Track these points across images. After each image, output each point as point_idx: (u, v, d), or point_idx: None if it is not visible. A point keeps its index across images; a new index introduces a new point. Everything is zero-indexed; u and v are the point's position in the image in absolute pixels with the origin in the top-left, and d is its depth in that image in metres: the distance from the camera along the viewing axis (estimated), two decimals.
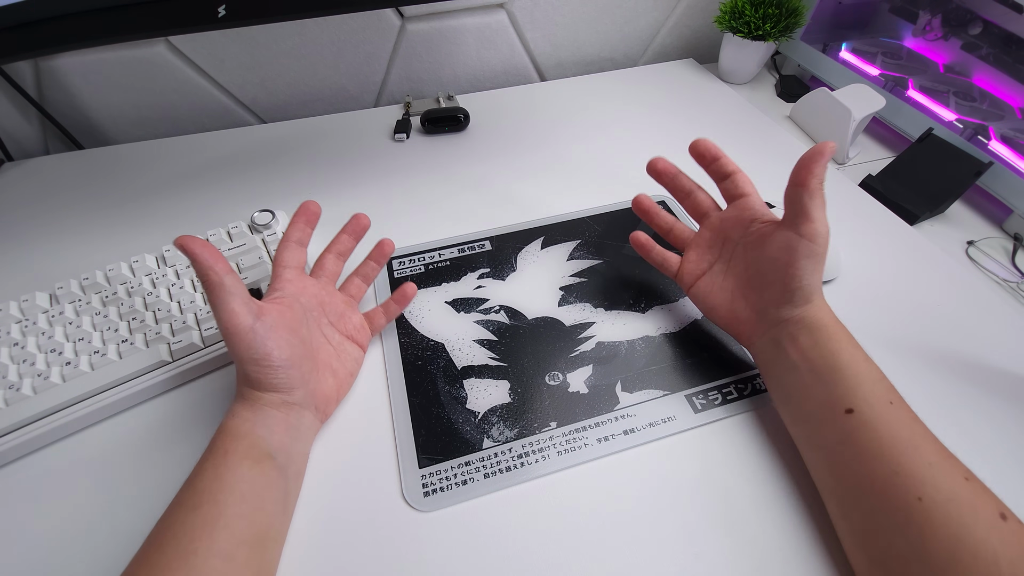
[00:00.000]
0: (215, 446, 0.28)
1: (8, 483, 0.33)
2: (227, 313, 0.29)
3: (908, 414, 0.28)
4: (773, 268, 0.32)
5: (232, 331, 0.29)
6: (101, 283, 0.40)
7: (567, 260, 0.45)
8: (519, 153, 0.57)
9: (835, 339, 0.30)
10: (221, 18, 0.38)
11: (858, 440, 0.27)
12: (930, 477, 0.25)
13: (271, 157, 0.57)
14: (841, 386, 0.29)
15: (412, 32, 0.63)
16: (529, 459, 0.33)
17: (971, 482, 0.25)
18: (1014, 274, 0.45)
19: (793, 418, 0.32)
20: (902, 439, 0.26)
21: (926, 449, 0.26)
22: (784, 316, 0.32)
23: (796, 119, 0.63)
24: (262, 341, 0.29)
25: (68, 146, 0.61)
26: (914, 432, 0.27)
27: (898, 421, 0.27)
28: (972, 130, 0.52)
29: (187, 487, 0.27)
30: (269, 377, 0.30)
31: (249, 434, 0.29)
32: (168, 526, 0.26)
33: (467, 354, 0.38)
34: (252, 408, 0.30)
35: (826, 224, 0.31)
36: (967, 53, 0.58)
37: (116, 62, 0.57)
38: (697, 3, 0.72)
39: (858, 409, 0.28)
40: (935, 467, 0.25)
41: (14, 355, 0.36)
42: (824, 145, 0.30)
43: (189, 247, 0.28)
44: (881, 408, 0.27)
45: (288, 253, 0.36)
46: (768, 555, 0.29)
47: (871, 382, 0.29)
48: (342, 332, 0.37)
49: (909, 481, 0.25)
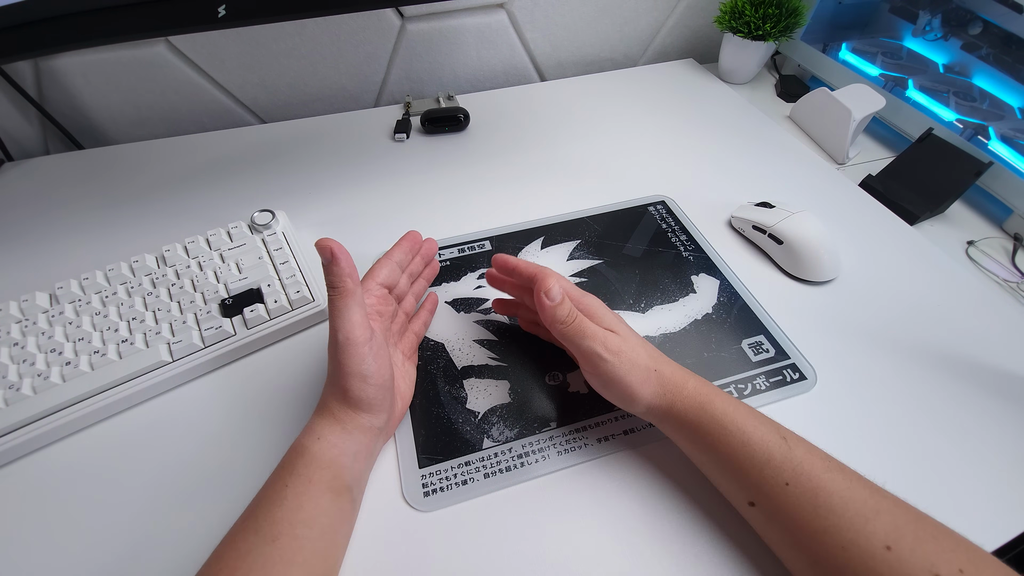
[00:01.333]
0: (297, 471, 0.27)
1: (8, 483, 0.33)
2: (350, 323, 0.28)
3: (809, 487, 0.25)
4: (598, 384, 0.31)
5: (351, 342, 0.28)
6: (101, 283, 0.40)
7: (567, 260, 0.45)
8: (519, 153, 0.57)
9: (710, 431, 0.28)
10: (221, 18, 0.38)
11: (771, 531, 0.27)
12: (847, 563, 0.23)
13: (271, 157, 0.57)
14: (734, 478, 0.28)
15: (412, 32, 0.63)
16: (529, 459, 0.33)
17: (894, 550, 0.23)
18: (1014, 274, 0.45)
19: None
20: (808, 525, 0.25)
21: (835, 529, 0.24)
22: (645, 415, 0.31)
23: (796, 119, 0.63)
24: (374, 357, 0.29)
25: (68, 146, 0.61)
26: (817, 511, 0.25)
27: (799, 504, 0.25)
28: (972, 130, 0.52)
29: (263, 513, 0.26)
30: (371, 395, 0.29)
31: (334, 463, 0.28)
32: (241, 555, 0.24)
33: (467, 354, 0.38)
34: (342, 431, 0.29)
35: (613, 341, 0.30)
36: (967, 53, 0.58)
37: (116, 62, 0.57)
38: (697, 3, 0.72)
39: (758, 502, 0.27)
40: (849, 550, 0.23)
41: (14, 355, 0.36)
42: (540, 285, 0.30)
43: (335, 251, 0.28)
44: (778, 495, 0.26)
45: (386, 271, 0.35)
46: (768, 555, 0.29)
47: (761, 465, 0.26)
48: (403, 351, 0.36)
49: (829, 571, 0.24)
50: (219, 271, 0.41)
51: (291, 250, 0.44)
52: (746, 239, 0.47)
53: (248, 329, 0.38)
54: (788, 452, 0.26)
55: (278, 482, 0.27)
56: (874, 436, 0.34)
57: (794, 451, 0.26)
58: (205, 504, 0.31)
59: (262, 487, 0.28)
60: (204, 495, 0.32)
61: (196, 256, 0.42)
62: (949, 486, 0.32)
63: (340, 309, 0.29)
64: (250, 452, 0.33)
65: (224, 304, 0.39)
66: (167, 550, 0.30)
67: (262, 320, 0.39)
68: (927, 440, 0.34)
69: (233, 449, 0.34)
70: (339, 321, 0.29)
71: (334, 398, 0.30)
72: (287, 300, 0.40)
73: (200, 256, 0.42)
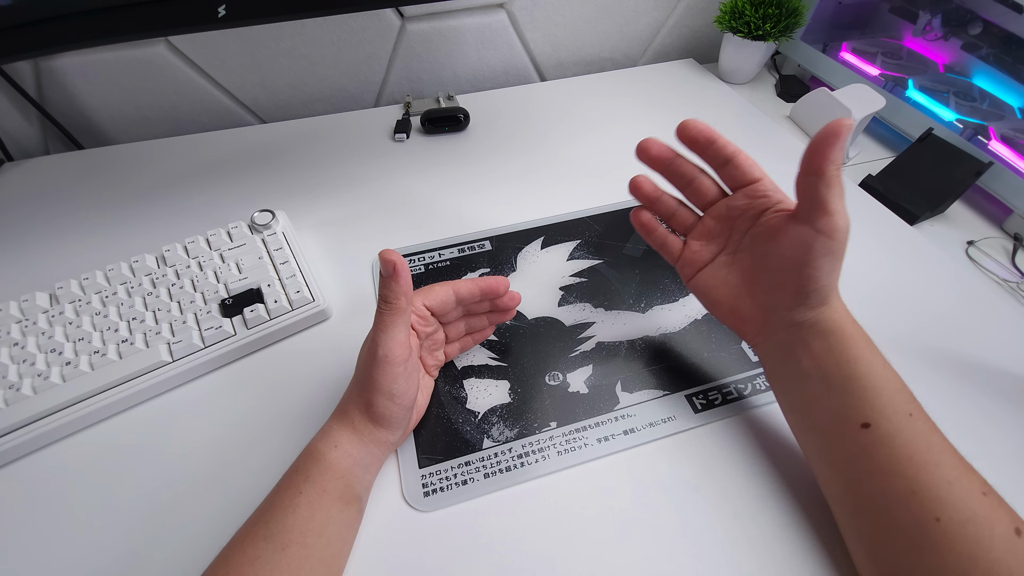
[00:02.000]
0: (312, 479, 0.27)
1: (8, 483, 0.33)
2: (393, 341, 0.28)
3: (928, 426, 0.26)
4: (785, 266, 0.29)
5: (389, 360, 0.28)
6: (101, 283, 0.40)
7: (567, 260, 0.45)
8: (519, 153, 0.57)
9: (852, 345, 0.28)
10: (221, 18, 0.38)
11: (874, 456, 0.26)
12: (949, 496, 0.24)
13: (271, 157, 0.57)
14: (857, 397, 0.27)
15: (412, 32, 0.63)
16: (529, 459, 0.33)
17: (988, 497, 0.24)
18: (1014, 274, 0.45)
19: (802, 428, 0.30)
20: (920, 455, 0.25)
21: (946, 465, 0.25)
22: (797, 319, 0.29)
23: (796, 119, 0.63)
24: (406, 377, 0.29)
25: (68, 146, 0.61)
26: (932, 446, 0.25)
27: (917, 435, 0.25)
28: (972, 130, 0.52)
29: (276, 521, 0.26)
30: (394, 413, 0.29)
31: (348, 473, 0.28)
32: (250, 561, 0.24)
33: (467, 354, 0.38)
34: (360, 443, 0.29)
35: (846, 217, 0.27)
36: (967, 53, 0.58)
37: (116, 62, 0.57)
38: (697, 3, 0.72)
39: (875, 423, 0.26)
40: (954, 485, 0.24)
41: (14, 355, 0.36)
42: (839, 123, 0.25)
43: (399, 267, 0.28)
44: (900, 422, 0.26)
45: (441, 299, 0.33)
46: (768, 555, 0.29)
47: (890, 392, 0.26)
48: (425, 364, 0.35)
49: (927, 501, 0.24)
50: (219, 271, 0.41)
51: (291, 250, 0.44)
52: None
53: (248, 329, 0.38)
54: (910, 391, 0.27)
55: (291, 488, 0.27)
56: None
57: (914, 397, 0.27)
58: (205, 504, 0.31)
59: (274, 490, 0.28)
60: (204, 495, 0.32)
61: (196, 256, 0.42)
62: None
63: (387, 325, 0.28)
64: (250, 452, 0.33)
65: (224, 304, 0.39)
66: (167, 550, 0.30)
67: (262, 320, 0.39)
68: None
69: (233, 449, 0.34)
70: (382, 336, 0.28)
71: (357, 408, 0.29)
72: (287, 300, 0.40)
73: (200, 256, 0.42)
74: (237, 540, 0.26)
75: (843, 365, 0.27)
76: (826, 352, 0.28)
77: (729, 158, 0.31)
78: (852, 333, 0.28)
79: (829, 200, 0.26)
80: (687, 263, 0.34)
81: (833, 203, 0.26)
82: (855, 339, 0.28)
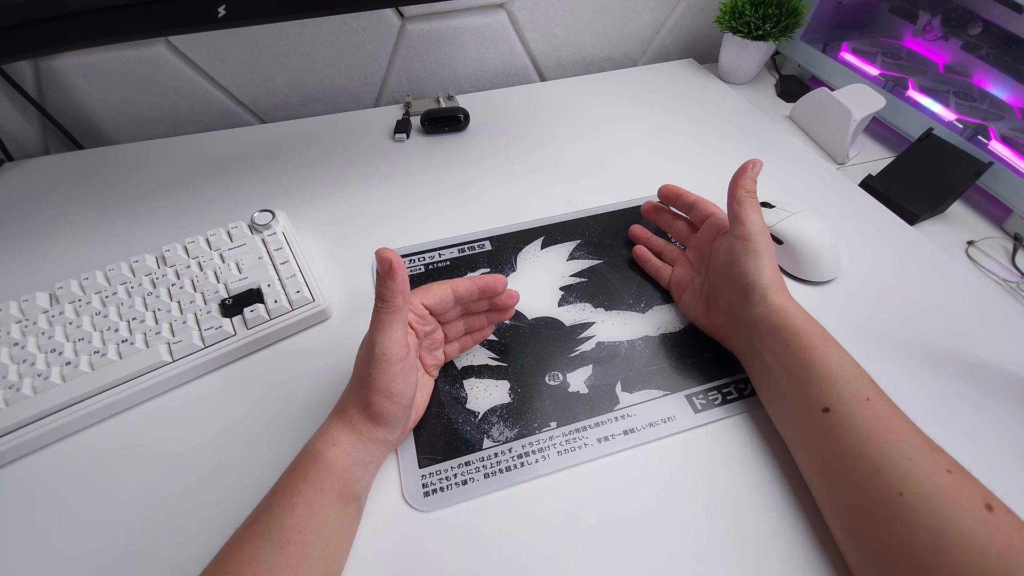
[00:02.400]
0: (310, 478, 0.27)
1: (8, 483, 0.33)
2: (390, 340, 0.28)
3: (886, 408, 0.28)
4: (725, 271, 0.35)
5: (387, 358, 0.28)
6: (101, 283, 0.40)
7: (567, 260, 0.45)
8: (519, 153, 0.57)
9: (804, 338, 0.31)
10: (221, 18, 0.38)
11: (837, 438, 0.28)
12: (910, 472, 0.25)
13: (271, 157, 0.57)
14: (815, 386, 0.29)
15: (412, 32, 0.63)
16: (529, 459, 0.33)
17: (954, 474, 0.25)
18: (1014, 274, 0.45)
19: (778, 418, 0.33)
20: (880, 435, 0.27)
21: (906, 444, 0.26)
22: (749, 316, 0.33)
23: (796, 119, 0.63)
24: (404, 376, 0.29)
25: (68, 146, 0.61)
26: (892, 427, 0.27)
27: (875, 417, 0.27)
28: (972, 130, 0.52)
29: (274, 520, 0.26)
30: (392, 412, 0.29)
31: (346, 472, 0.28)
32: (248, 560, 0.24)
33: (467, 354, 0.38)
34: (358, 442, 0.29)
35: (759, 224, 0.34)
36: (967, 53, 0.58)
37: (116, 62, 0.57)
38: (697, 3, 0.72)
39: (833, 408, 0.28)
40: (915, 461, 0.25)
41: (14, 355, 0.36)
42: (749, 162, 0.35)
43: (395, 265, 0.28)
44: (857, 406, 0.28)
45: (439, 297, 0.33)
46: (768, 554, 0.29)
47: (845, 379, 0.29)
48: (425, 364, 0.35)
49: (889, 477, 0.25)
50: (219, 271, 0.41)
51: (291, 250, 0.44)
52: None
53: (248, 329, 0.38)
54: (870, 377, 0.29)
55: (290, 487, 0.27)
56: None
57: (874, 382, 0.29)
58: (205, 504, 0.31)
59: (272, 489, 0.27)
60: (204, 495, 0.32)
61: (196, 256, 0.42)
62: None
63: (384, 323, 0.29)
64: (250, 452, 0.33)
65: (224, 304, 0.39)
66: (167, 550, 0.29)
67: (262, 320, 0.39)
68: None
69: (233, 449, 0.34)
70: (379, 335, 0.28)
71: (355, 407, 0.29)
72: (287, 300, 0.40)
73: (200, 256, 0.42)
74: (235, 539, 0.26)
75: (798, 357, 0.30)
76: (781, 346, 0.31)
77: (692, 204, 0.41)
78: (802, 327, 0.31)
79: (741, 214, 0.34)
80: (674, 286, 0.41)
81: (744, 215, 0.34)
82: (806, 332, 0.31)
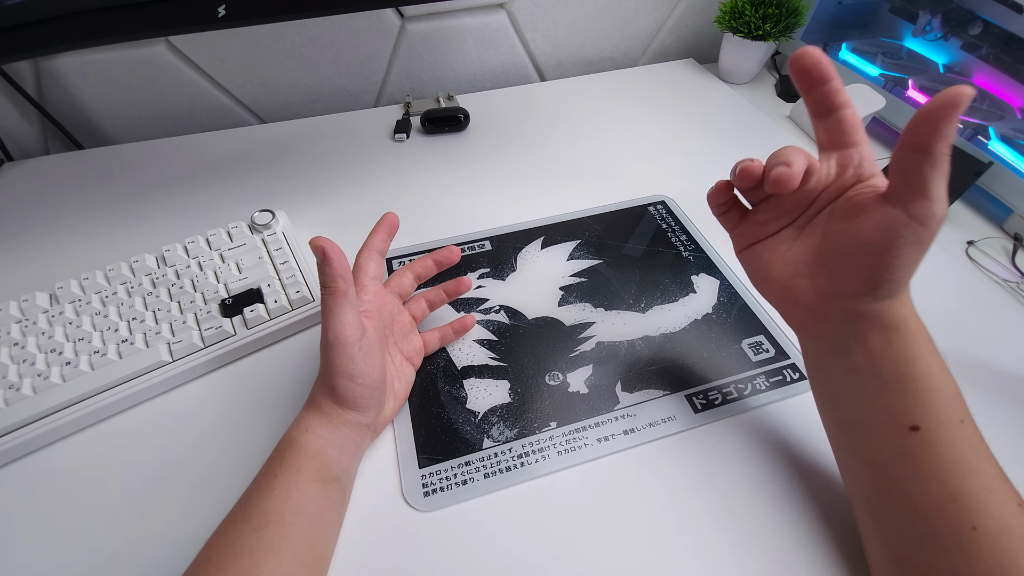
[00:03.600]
0: (286, 462, 0.28)
1: (8, 483, 0.33)
2: (341, 323, 0.29)
3: (976, 434, 0.25)
4: (862, 250, 0.25)
5: (341, 342, 0.29)
6: (101, 283, 0.40)
7: (567, 260, 0.45)
8: (519, 153, 0.57)
9: (913, 344, 0.25)
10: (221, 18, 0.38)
11: (919, 460, 0.25)
12: (988, 505, 0.23)
13: (271, 157, 0.57)
14: (911, 399, 0.25)
15: (412, 32, 0.63)
16: (529, 459, 0.33)
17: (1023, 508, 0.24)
18: (1014, 274, 0.45)
19: (840, 424, 0.28)
20: (967, 462, 0.24)
21: (987, 474, 0.24)
22: (858, 309, 0.26)
23: (796, 119, 0.63)
24: (363, 357, 0.29)
25: (68, 146, 0.61)
26: (978, 454, 0.24)
27: (965, 442, 0.24)
28: (972, 130, 0.52)
29: (253, 503, 0.27)
30: (358, 394, 0.30)
31: (321, 453, 0.28)
32: (230, 543, 0.25)
33: (467, 354, 0.38)
34: (329, 425, 0.29)
35: (945, 204, 0.24)
36: (967, 53, 0.58)
37: (116, 62, 0.57)
38: (697, 3, 0.72)
39: (925, 427, 0.24)
40: (994, 494, 0.24)
41: (14, 355, 0.36)
42: (958, 91, 0.21)
43: (328, 251, 0.28)
44: (951, 428, 0.25)
45: (372, 263, 0.35)
46: (768, 555, 0.29)
47: (945, 397, 0.25)
48: (403, 352, 0.36)
49: (966, 509, 0.23)
50: (219, 271, 0.41)
51: (291, 250, 0.44)
52: None
53: (248, 329, 0.38)
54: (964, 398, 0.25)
55: (268, 473, 0.28)
56: None
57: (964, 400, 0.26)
58: (205, 504, 0.31)
59: (254, 479, 0.28)
60: (204, 495, 0.32)
61: (196, 256, 0.42)
62: None
63: (332, 309, 0.29)
64: (250, 452, 0.33)
65: (224, 304, 0.39)
66: (167, 549, 0.30)
67: (262, 320, 0.39)
68: None
69: (233, 449, 0.34)
70: (330, 320, 0.29)
71: (322, 394, 0.30)
72: (287, 300, 0.40)
73: (200, 256, 0.42)
74: (220, 527, 0.26)
75: (900, 363, 0.25)
76: (884, 348, 0.26)
77: (837, 108, 0.26)
78: (915, 330, 0.26)
79: (931, 182, 0.23)
80: (745, 233, 0.30)
81: (935, 187, 0.23)
82: (917, 337, 0.26)
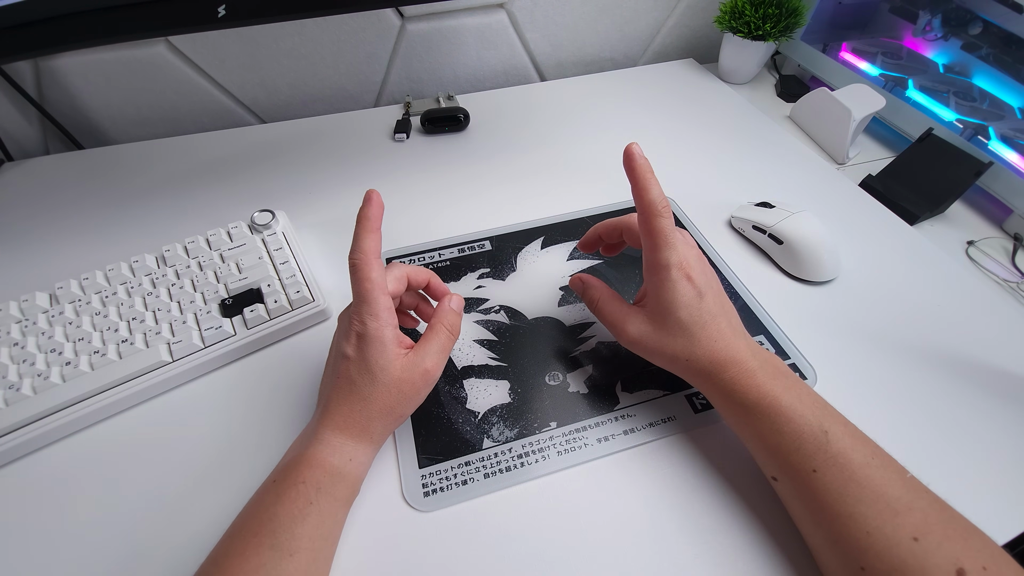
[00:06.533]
0: (325, 491, 0.26)
1: (8, 483, 0.33)
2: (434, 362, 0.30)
3: (840, 476, 0.25)
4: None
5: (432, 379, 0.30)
6: (101, 283, 0.40)
7: (567, 260, 0.45)
8: (519, 153, 0.57)
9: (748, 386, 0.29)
10: (221, 18, 0.38)
11: (790, 506, 0.28)
12: (870, 546, 0.23)
13: (271, 157, 0.57)
14: (761, 452, 0.29)
15: (412, 32, 0.63)
16: (529, 459, 0.33)
17: (921, 542, 0.23)
18: (1014, 274, 0.45)
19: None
20: (831, 508, 0.25)
21: (861, 516, 0.24)
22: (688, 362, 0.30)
23: (796, 119, 0.63)
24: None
25: (68, 146, 0.61)
26: (846, 497, 0.25)
27: (824, 489, 0.25)
28: (972, 130, 0.52)
29: (283, 530, 0.25)
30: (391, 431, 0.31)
31: (358, 481, 0.29)
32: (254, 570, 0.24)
33: (467, 354, 0.38)
34: (364, 452, 0.29)
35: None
36: (967, 53, 0.58)
37: (116, 62, 0.57)
38: (697, 3, 0.72)
39: (780, 479, 0.28)
40: (874, 535, 0.24)
41: (14, 355, 0.36)
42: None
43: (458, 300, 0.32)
44: (802, 478, 0.26)
45: (378, 272, 0.30)
46: (768, 555, 0.29)
47: (786, 452, 0.27)
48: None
49: (848, 551, 0.24)
50: (219, 271, 0.41)
51: (291, 250, 0.44)
52: (746, 239, 0.47)
53: (248, 329, 0.38)
54: (824, 444, 0.26)
55: (300, 498, 0.26)
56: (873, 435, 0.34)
57: (832, 445, 0.26)
58: (205, 504, 0.31)
59: (272, 497, 0.26)
60: (204, 495, 0.32)
61: (196, 256, 0.42)
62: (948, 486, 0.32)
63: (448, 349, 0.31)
64: (250, 452, 0.33)
65: (224, 304, 0.39)
66: (167, 550, 0.29)
67: (262, 320, 0.39)
68: (926, 440, 0.34)
69: (233, 449, 0.34)
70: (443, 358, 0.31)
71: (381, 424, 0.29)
72: (287, 300, 0.40)
73: (200, 256, 0.42)
74: (236, 549, 0.24)
75: (739, 424, 0.30)
76: (719, 406, 0.31)
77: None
78: (739, 389, 0.29)
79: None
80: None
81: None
82: (754, 397, 0.28)
